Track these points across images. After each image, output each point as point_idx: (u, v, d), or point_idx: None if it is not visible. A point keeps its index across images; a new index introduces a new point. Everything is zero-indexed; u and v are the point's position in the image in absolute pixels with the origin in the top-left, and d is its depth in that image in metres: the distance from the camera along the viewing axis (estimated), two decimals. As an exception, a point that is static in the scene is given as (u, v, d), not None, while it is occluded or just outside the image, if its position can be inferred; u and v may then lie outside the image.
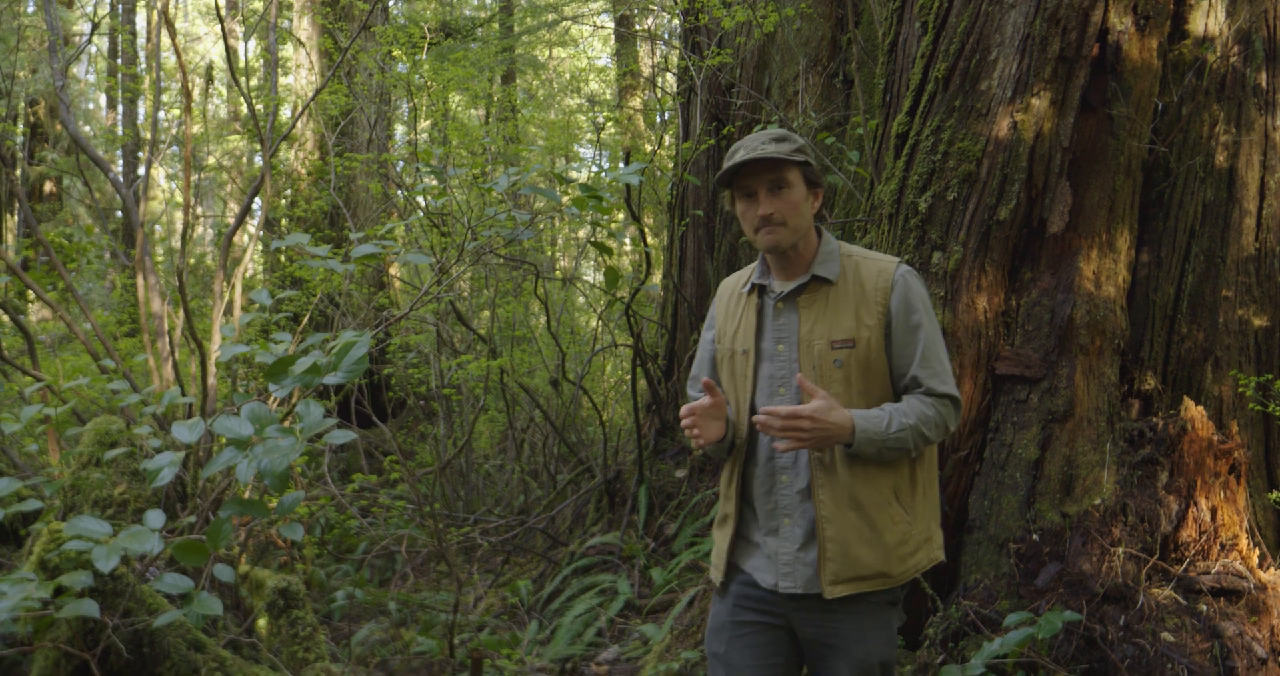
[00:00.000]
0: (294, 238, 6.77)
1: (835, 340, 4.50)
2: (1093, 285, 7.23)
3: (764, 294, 4.75)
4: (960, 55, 7.55)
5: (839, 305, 4.57)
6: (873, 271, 4.63)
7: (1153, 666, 6.05)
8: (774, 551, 4.59)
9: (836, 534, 4.43)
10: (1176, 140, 7.62)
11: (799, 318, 4.60)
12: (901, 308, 4.56)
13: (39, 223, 19.19)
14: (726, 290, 4.98)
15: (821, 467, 4.48)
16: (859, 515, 4.45)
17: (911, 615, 7.27)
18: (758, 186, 4.53)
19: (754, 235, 4.60)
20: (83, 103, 35.27)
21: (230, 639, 6.98)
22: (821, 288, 4.62)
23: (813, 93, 12.91)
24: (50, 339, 16.05)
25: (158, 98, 12.48)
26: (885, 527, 4.48)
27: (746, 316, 4.75)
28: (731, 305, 4.88)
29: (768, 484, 4.61)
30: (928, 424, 4.45)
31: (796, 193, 4.56)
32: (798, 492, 4.54)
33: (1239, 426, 7.22)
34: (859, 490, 4.46)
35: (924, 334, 4.58)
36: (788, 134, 4.63)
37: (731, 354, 4.76)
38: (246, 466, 5.02)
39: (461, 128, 17.63)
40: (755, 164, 4.49)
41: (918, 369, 4.53)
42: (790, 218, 4.54)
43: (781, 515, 4.58)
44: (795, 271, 4.67)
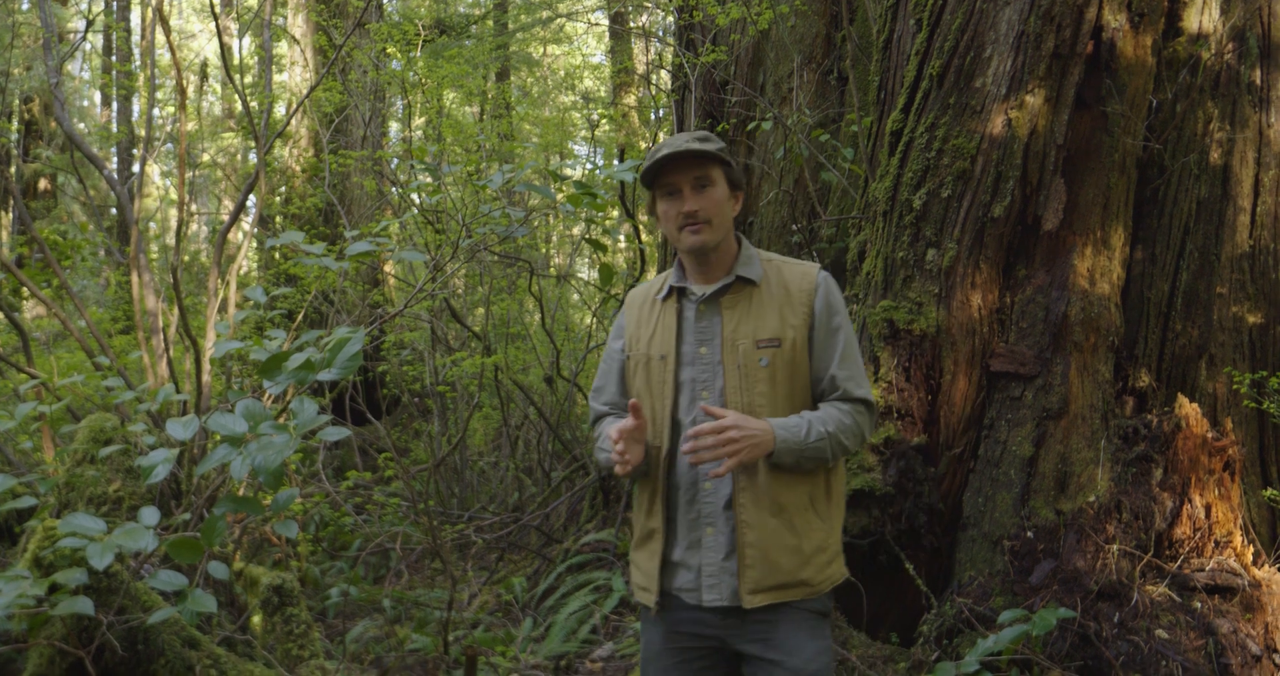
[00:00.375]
0: (288, 235, 6.76)
1: (761, 339, 4.44)
2: (1087, 282, 7.23)
3: (683, 297, 4.64)
4: (955, 52, 7.55)
5: (763, 305, 4.52)
6: (796, 274, 4.60)
7: (1147, 663, 6.06)
8: (698, 564, 4.47)
9: (757, 539, 4.36)
10: (1171, 137, 7.63)
11: (722, 319, 4.51)
12: (824, 310, 4.54)
13: (34, 220, 19.21)
14: (637, 299, 4.87)
15: (744, 471, 4.38)
16: (780, 520, 4.39)
17: (906, 612, 7.29)
18: (682, 183, 4.48)
19: (677, 234, 4.53)
20: (77, 100, 35.23)
21: (225, 636, 6.97)
22: (745, 288, 4.56)
23: (807, 90, 12.91)
24: (45, 336, 16.06)
25: (152, 95, 12.48)
26: (805, 534, 4.44)
27: (664, 321, 4.64)
28: (645, 312, 4.76)
29: (690, 493, 4.48)
30: (845, 433, 4.40)
31: (720, 192, 4.51)
32: (723, 500, 4.43)
33: (1233, 423, 7.23)
34: (780, 494, 4.39)
35: (844, 336, 4.55)
36: (711, 135, 4.59)
37: (647, 360, 4.62)
38: (241, 463, 5.02)
39: (456, 125, 17.64)
40: (680, 159, 4.44)
41: (837, 368, 4.50)
42: (714, 216, 4.47)
43: (705, 525, 4.46)
44: (716, 273, 4.59)
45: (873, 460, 7.25)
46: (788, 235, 12.65)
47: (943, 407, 7.39)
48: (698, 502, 4.45)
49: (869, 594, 7.27)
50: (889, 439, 7.28)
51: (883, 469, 7.22)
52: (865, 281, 7.94)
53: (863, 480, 7.16)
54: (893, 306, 7.44)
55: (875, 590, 7.31)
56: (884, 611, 7.39)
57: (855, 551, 7.23)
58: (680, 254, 4.66)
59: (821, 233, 11.99)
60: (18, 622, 5.52)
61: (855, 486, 7.16)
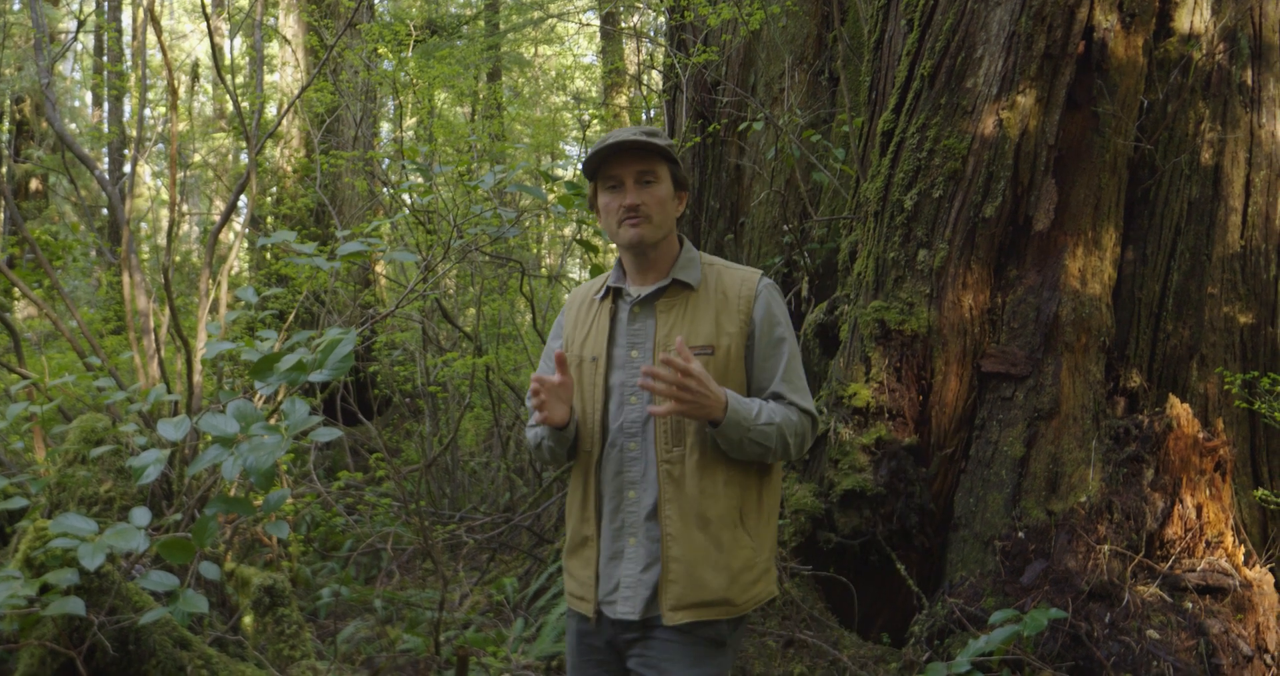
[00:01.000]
0: (280, 235, 6.76)
1: (694, 346, 4.30)
2: (1078, 283, 7.24)
3: (619, 298, 4.54)
4: (946, 53, 7.56)
5: (699, 311, 4.39)
6: (736, 280, 4.48)
7: (1138, 663, 6.06)
8: (618, 575, 4.33)
9: (682, 554, 4.22)
10: (1162, 138, 7.63)
11: (656, 322, 4.40)
12: (765, 319, 4.41)
13: (25, 220, 19.18)
14: (577, 298, 4.77)
15: (671, 480, 4.25)
16: (706, 535, 4.24)
17: (897, 612, 7.30)
18: (626, 175, 4.35)
19: (616, 229, 4.40)
20: (68, 100, 35.21)
21: (216, 636, 6.97)
22: (682, 293, 4.44)
23: (798, 90, 12.91)
24: (36, 336, 16.04)
25: (143, 95, 12.46)
26: (732, 550, 4.27)
27: (598, 322, 4.54)
28: (582, 313, 4.66)
29: (615, 501, 4.37)
30: (790, 430, 4.25)
31: (664, 189, 4.40)
32: (645, 510, 4.29)
33: (1224, 423, 7.24)
34: (707, 507, 4.24)
35: (787, 349, 4.42)
36: (659, 131, 4.49)
37: (580, 362, 4.51)
38: (232, 464, 5.02)
39: (447, 125, 17.65)
40: (626, 149, 4.33)
41: (780, 384, 4.37)
42: (656, 212, 4.37)
43: (628, 534, 4.33)
44: (654, 275, 4.48)
45: (864, 460, 7.26)
46: (779, 235, 12.65)
47: (934, 408, 7.40)
48: (621, 511, 4.36)
49: (860, 594, 7.28)
50: (880, 439, 7.29)
51: (874, 469, 7.22)
52: (857, 282, 7.95)
53: (854, 480, 7.17)
54: (884, 307, 7.45)
55: (866, 590, 7.32)
56: (875, 611, 7.40)
57: (847, 551, 7.24)
58: (619, 252, 4.59)
59: (813, 233, 11.99)
60: (9, 623, 5.51)
61: (847, 486, 7.17)
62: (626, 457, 4.33)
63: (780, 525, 7.45)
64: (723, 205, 13.88)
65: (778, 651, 6.85)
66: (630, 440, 4.32)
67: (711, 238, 13.90)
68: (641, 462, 4.31)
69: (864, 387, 7.41)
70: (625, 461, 4.33)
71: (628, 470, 4.34)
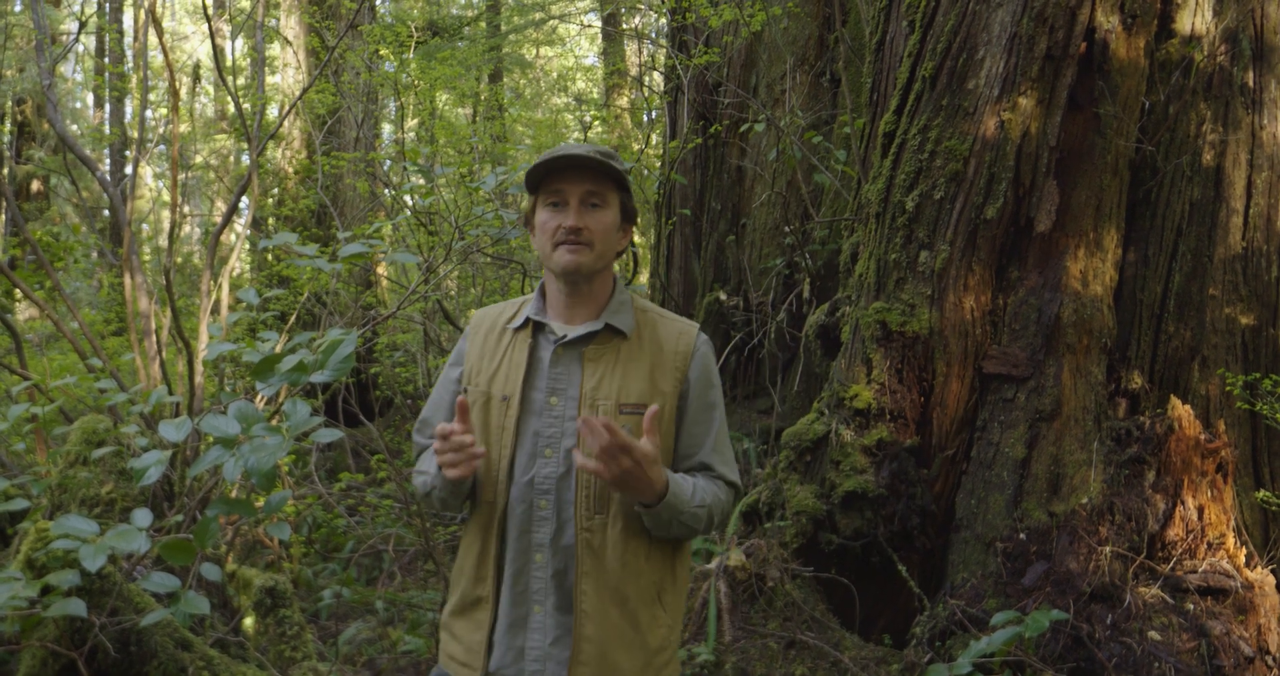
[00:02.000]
0: (281, 237, 6.76)
1: (626, 404, 3.91)
2: (1080, 284, 7.24)
3: (540, 333, 4.07)
4: (947, 54, 7.56)
5: (632, 364, 3.99)
6: (672, 333, 4.09)
7: (1140, 665, 6.06)
8: (521, 645, 3.92)
9: (596, 634, 3.84)
10: (1164, 139, 7.63)
11: (583, 371, 3.96)
12: (701, 379, 4.07)
13: (26, 221, 19.21)
14: (484, 324, 4.24)
15: (590, 551, 3.86)
16: (622, 613, 3.89)
17: (899, 614, 7.30)
18: (572, 194, 3.92)
19: (551, 251, 3.95)
20: (70, 101, 35.23)
21: (217, 638, 6.97)
22: (613, 340, 4.01)
23: (800, 91, 12.91)
24: (37, 337, 16.05)
25: (145, 96, 12.48)
26: (649, 629, 3.94)
27: (512, 357, 4.05)
28: (490, 342, 4.15)
29: (519, 563, 3.93)
30: (719, 510, 3.97)
31: (611, 216, 4.00)
32: (552, 576, 3.88)
33: (1226, 425, 7.23)
34: (627, 584, 3.90)
35: (718, 415, 4.11)
36: (615, 153, 4.07)
37: (486, 399, 4.03)
38: (233, 465, 5.01)
39: (449, 126, 17.64)
40: (579, 165, 3.92)
41: (711, 455, 4.06)
42: (599, 241, 3.94)
43: (532, 601, 3.91)
44: (583, 313, 4.05)
45: (865, 462, 7.26)
46: (780, 237, 12.65)
47: (935, 409, 7.40)
48: (525, 576, 3.92)
49: (861, 595, 7.27)
50: (882, 440, 7.29)
51: (875, 470, 7.22)
52: (858, 283, 7.94)
53: (855, 482, 7.17)
54: (885, 308, 7.45)
55: (868, 592, 7.31)
56: (877, 613, 7.40)
57: (848, 553, 7.24)
58: (547, 278, 4.15)
59: (814, 234, 12.00)
60: (10, 624, 5.51)
61: (848, 488, 7.17)
62: (536, 516, 3.90)
63: (781, 526, 7.46)
64: (724, 206, 13.89)
65: (779, 652, 6.85)
66: (541, 497, 3.89)
67: (713, 239, 13.90)
68: (552, 524, 3.88)
69: (865, 389, 7.41)
70: (534, 521, 3.90)
71: (536, 531, 3.91)
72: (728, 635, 6.98)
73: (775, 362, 12.15)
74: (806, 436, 7.63)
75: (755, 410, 12.51)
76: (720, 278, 13.69)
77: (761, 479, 8.30)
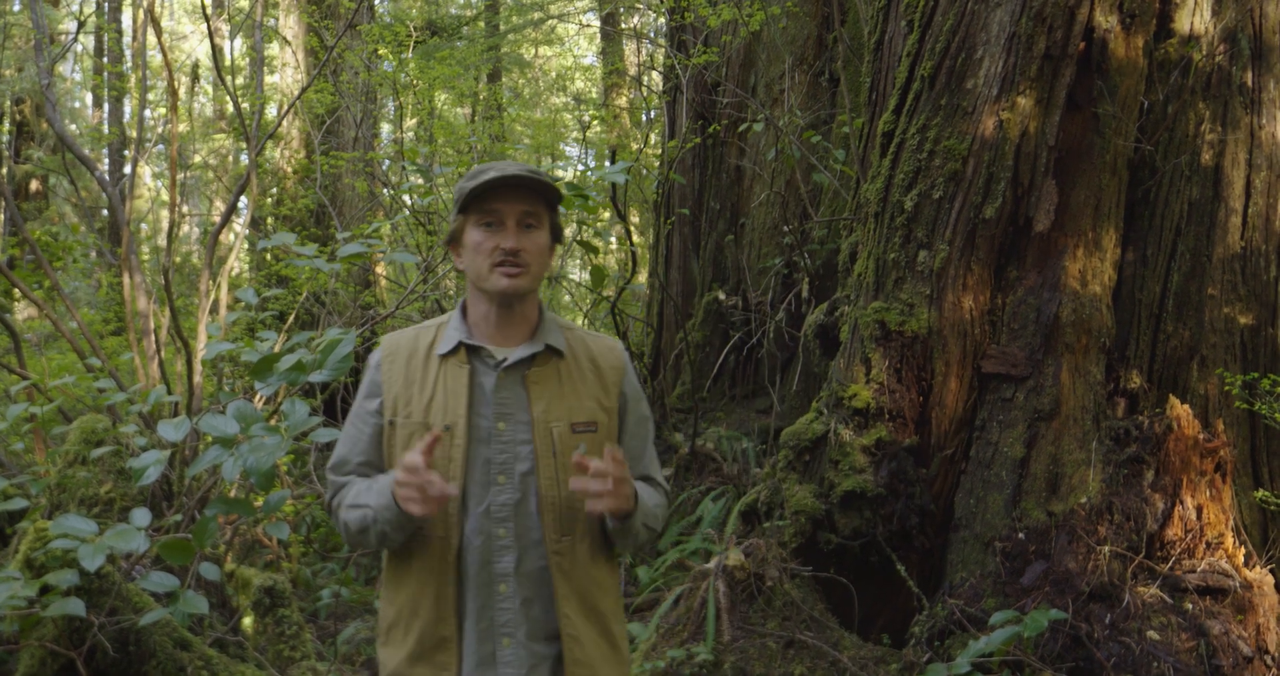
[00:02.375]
0: (280, 236, 6.77)
1: (577, 423, 3.87)
2: (1079, 284, 7.24)
3: (476, 358, 3.92)
4: (946, 54, 7.56)
5: (575, 383, 3.95)
6: (603, 349, 4.07)
7: (1138, 664, 6.06)
8: None
9: (585, 656, 3.81)
10: (1162, 139, 7.64)
11: (528, 394, 3.86)
12: (634, 393, 4.07)
13: (25, 221, 19.19)
14: (400, 351, 4.03)
15: (563, 574, 3.80)
16: (601, 631, 3.88)
17: (898, 613, 7.30)
18: (508, 215, 3.80)
19: (487, 273, 3.81)
20: (69, 101, 35.21)
21: (216, 637, 6.98)
22: (551, 360, 3.94)
23: (798, 91, 12.92)
24: (36, 337, 16.04)
25: (143, 96, 12.48)
26: (622, 643, 3.97)
27: (447, 384, 3.88)
28: (414, 369, 3.96)
29: (482, 597, 3.79)
30: (663, 515, 4.02)
31: (544, 238, 3.90)
32: (520, 605, 3.78)
33: (1224, 425, 7.23)
34: (600, 599, 3.90)
35: (649, 426, 4.15)
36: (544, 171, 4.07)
37: (425, 430, 3.80)
38: (232, 465, 5.02)
39: (447, 126, 17.67)
40: (516, 184, 3.79)
41: (649, 465, 4.10)
42: (535, 262, 3.85)
43: (499, 635, 3.77)
44: (516, 334, 3.94)
45: (864, 461, 7.26)
46: (779, 236, 12.67)
47: (934, 409, 7.40)
48: (490, 609, 3.79)
49: (860, 595, 7.28)
50: (881, 440, 7.29)
51: (874, 470, 7.22)
52: (857, 283, 7.94)
53: (854, 481, 7.17)
54: (884, 308, 7.45)
55: (867, 591, 7.32)
56: (875, 612, 7.40)
57: (847, 552, 7.24)
58: (473, 299, 4.00)
59: (813, 234, 12.02)
60: (9, 623, 5.52)
61: (847, 487, 7.17)
62: (495, 546, 3.78)
63: (780, 526, 7.46)
64: (723, 206, 13.90)
65: (778, 652, 6.85)
66: (499, 526, 3.78)
67: (711, 239, 13.92)
68: (514, 552, 3.78)
69: (864, 389, 7.41)
70: (494, 551, 3.78)
71: (497, 561, 3.79)
72: (726, 634, 6.98)
73: (774, 362, 12.16)
74: (805, 436, 7.64)
75: (754, 409, 12.53)
76: (719, 277, 13.71)
77: (760, 478, 8.30)
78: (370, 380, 4.00)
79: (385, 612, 3.95)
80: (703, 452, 11.58)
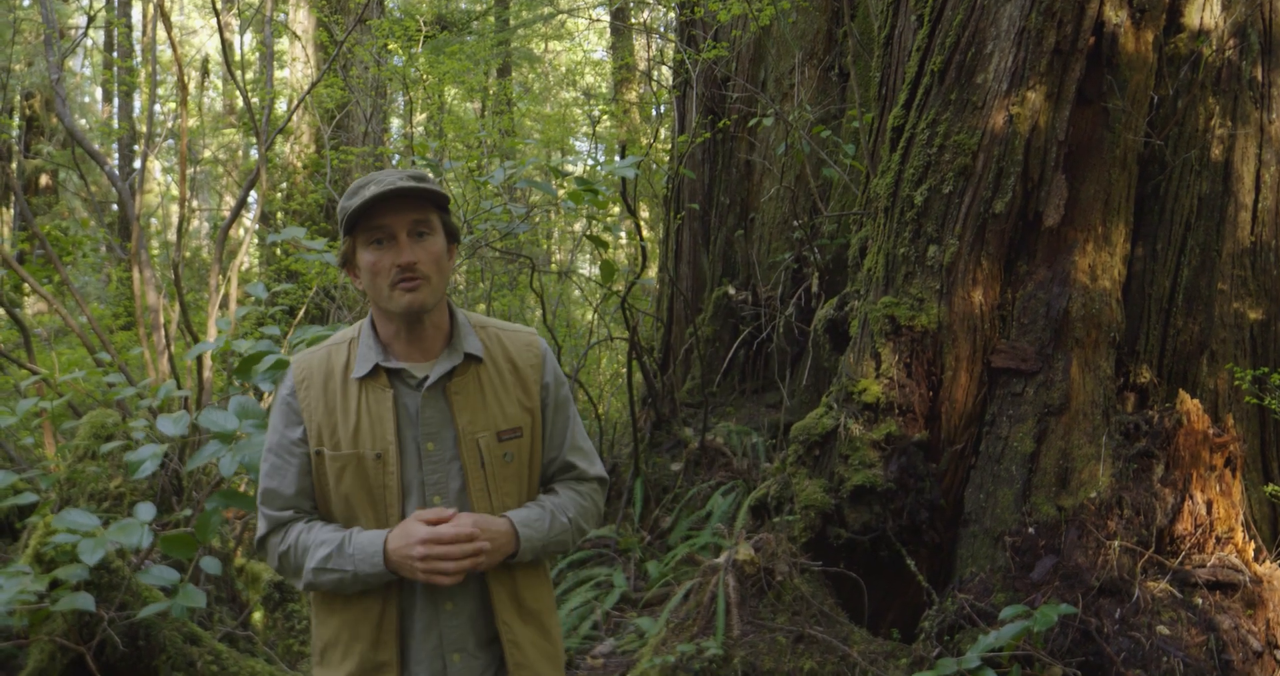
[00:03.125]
0: (290, 231, 6.78)
1: (503, 431, 3.84)
2: (1088, 278, 7.23)
3: (396, 380, 3.83)
4: (956, 48, 7.55)
5: (495, 388, 3.90)
6: (519, 345, 4.00)
7: (1148, 659, 6.06)
8: None
9: (525, 659, 3.84)
10: (1172, 133, 7.63)
11: (452, 408, 3.81)
12: (554, 382, 4.02)
13: (35, 216, 19.21)
14: (314, 376, 3.90)
15: (500, 584, 3.81)
16: (537, 629, 3.91)
17: (907, 608, 7.30)
18: (398, 228, 3.69)
19: (387, 293, 3.71)
20: (78, 96, 35.25)
21: (226, 632, 6.99)
22: (471, 368, 3.87)
23: (808, 86, 12.91)
24: (46, 332, 16.06)
25: (153, 91, 12.52)
26: (556, 637, 4.00)
27: (370, 409, 3.79)
28: (332, 396, 3.84)
29: (428, 616, 3.78)
30: (585, 516, 3.99)
31: (439, 243, 3.79)
32: (468, 619, 3.80)
33: (1234, 419, 7.22)
34: (534, 600, 3.92)
35: (571, 409, 4.09)
36: (426, 173, 3.85)
37: (357, 460, 3.75)
38: (230, 460, 5.02)
39: (457, 121, 17.69)
40: (399, 198, 3.67)
41: (569, 452, 4.06)
42: (434, 272, 3.74)
43: (449, 651, 3.78)
44: (432, 347, 3.87)
45: (874, 456, 7.25)
46: (789, 231, 12.66)
47: (944, 404, 7.39)
48: (438, 627, 3.78)
49: (870, 590, 7.27)
50: (890, 435, 7.28)
51: (884, 465, 7.22)
52: (866, 277, 7.94)
53: (864, 476, 7.16)
54: (894, 303, 7.44)
55: (876, 586, 7.31)
56: (885, 607, 7.40)
57: (857, 547, 7.24)
58: (379, 318, 3.91)
59: (823, 228, 12.01)
60: (19, 618, 5.53)
61: (856, 482, 7.16)
62: None
63: (790, 521, 7.46)
64: (732, 201, 13.90)
65: (787, 647, 6.85)
66: None
67: (721, 233, 13.92)
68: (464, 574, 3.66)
69: (874, 383, 7.41)
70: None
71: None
72: (736, 629, 6.97)
73: (783, 357, 12.16)
74: (815, 430, 7.63)
75: (764, 404, 12.52)
76: (729, 272, 13.70)
77: (770, 473, 8.31)
78: (287, 407, 3.89)
79: (320, 633, 3.90)
80: (712, 447, 11.58)
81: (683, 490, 11.36)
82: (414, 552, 3.52)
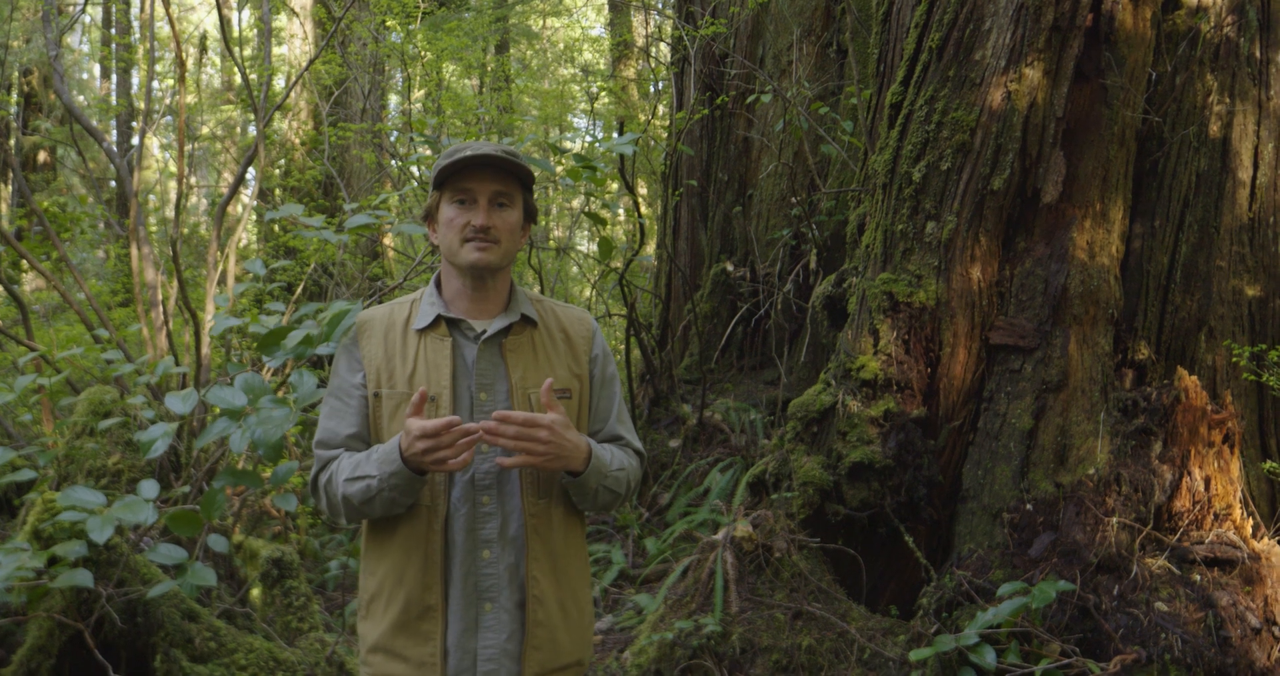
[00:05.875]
0: (288, 208, 6.76)
1: (555, 389, 3.93)
2: (1086, 255, 7.23)
3: (456, 331, 4.04)
4: (954, 25, 7.54)
5: (549, 351, 4.09)
6: (573, 318, 4.23)
7: (1146, 636, 6.07)
8: (474, 647, 3.87)
9: (546, 617, 3.91)
10: (1170, 110, 7.62)
11: (506, 363, 3.99)
12: (602, 356, 4.22)
13: (33, 192, 19.18)
14: (377, 326, 4.13)
15: (538, 537, 3.92)
16: (566, 592, 3.99)
17: (905, 585, 7.30)
18: (480, 193, 3.95)
19: (458, 248, 3.96)
20: (77, 72, 35.20)
21: (224, 609, 6.98)
22: (526, 330, 4.09)
23: (807, 62, 12.89)
24: (44, 309, 16.07)
25: (152, 67, 12.51)
26: (585, 606, 4.10)
27: (428, 357, 3.98)
28: (393, 343, 4.06)
29: (468, 563, 3.87)
30: (633, 475, 4.10)
31: (516, 215, 4.03)
32: (506, 569, 3.89)
33: (1232, 396, 7.24)
34: (569, 563, 4.02)
35: (617, 385, 4.26)
36: (519, 152, 4.19)
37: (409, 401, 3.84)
38: (240, 436, 5.02)
39: (455, 97, 17.63)
40: (490, 164, 3.93)
41: (618, 425, 4.22)
42: (506, 238, 3.98)
43: (484, 600, 3.87)
44: (490, 308, 4.08)
45: (872, 432, 7.26)
46: (787, 208, 12.65)
47: (942, 380, 7.39)
48: (475, 574, 3.88)
49: (868, 566, 7.28)
50: (889, 411, 7.28)
51: (882, 441, 7.22)
52: (865, 254, 7.94)
53: (862, 452, 7.17)
54: (892, 279, 7.44)
55: (874, 563, 7.32)
56: (883, 584, 7.41)
57: (855, 524, 7.25)
58: (446, 274, 4.15)
59: (821, 205, 12.00)
60: (17, 595, 5.53)
61: (855, 459, 7.16)
62: (480, 513, 3.89)
63: (788, 497, 7.47)
64: (731, 178, 13.88)
65: (785, 623, 6.86)
66: (484, 493, 3.90)
67: (719, 210, 13.91)
68: (498, 518, 3.89)
69: (872, 360, 7.41)
70: (479, 517, 3.88)
71: (482, 527, 3.89)
72: (734, 606, 6.99)
73: (782, 333, 12.16)
74: (813, 407, 7.63)
75: (762, 381, 12.53)
76: (727, 248, 13.70)
77: (768, 450, 8.30)
78: (349, 356, 4.13)
79: (366, 584, 4.04)
80: (711, 424, 11.59)
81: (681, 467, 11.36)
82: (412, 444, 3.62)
